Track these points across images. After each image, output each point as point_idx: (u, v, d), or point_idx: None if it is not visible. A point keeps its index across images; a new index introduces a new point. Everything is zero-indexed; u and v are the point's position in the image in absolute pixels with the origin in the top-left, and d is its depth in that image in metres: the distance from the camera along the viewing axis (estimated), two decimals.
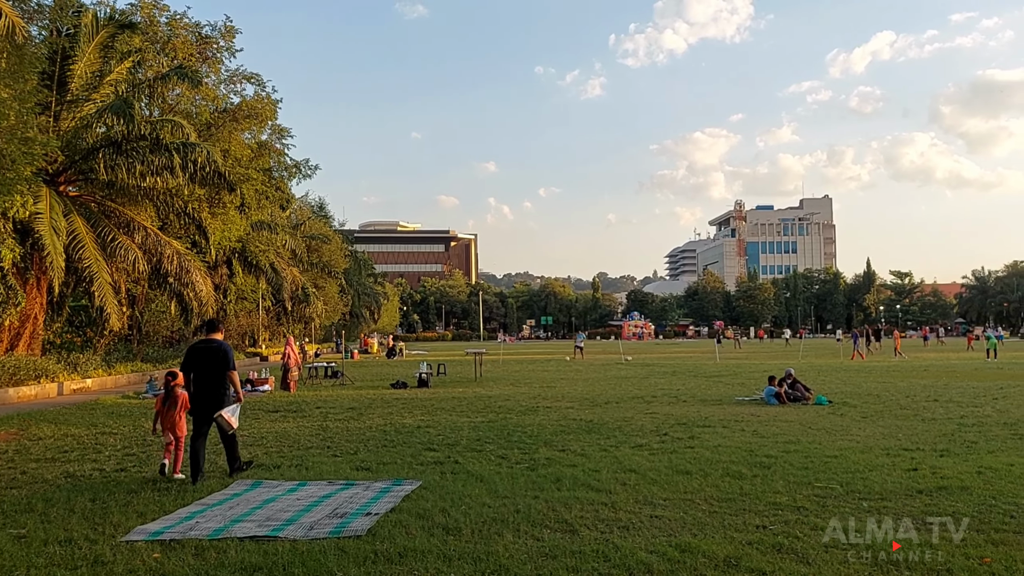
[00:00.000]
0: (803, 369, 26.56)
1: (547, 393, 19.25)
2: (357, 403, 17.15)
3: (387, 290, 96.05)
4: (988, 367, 28.82)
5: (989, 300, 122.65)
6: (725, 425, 12.61)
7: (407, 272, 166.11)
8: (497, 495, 7.54)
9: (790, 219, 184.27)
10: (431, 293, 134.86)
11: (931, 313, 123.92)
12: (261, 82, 33.74)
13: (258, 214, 37.73)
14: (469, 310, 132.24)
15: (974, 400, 16.11)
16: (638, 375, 26.30)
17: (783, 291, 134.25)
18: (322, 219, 63.28)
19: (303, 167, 42.10)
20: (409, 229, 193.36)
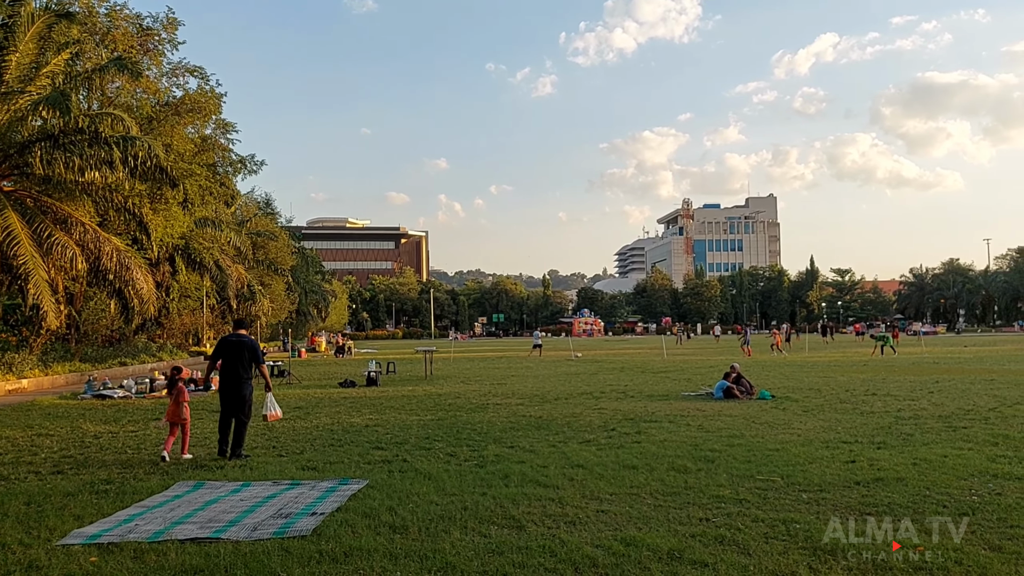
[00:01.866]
0: (747, 365, 27.04)
1: (497, 390, 19.28)
2: (304, 402, 16.96)
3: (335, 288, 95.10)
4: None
5: (927, 297, 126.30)
6: (671, 420, 12.78)
7: (356, 270, 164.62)
8: (445, 492, 7.53)
9: (736, 218, 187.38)
10: (381, 291, 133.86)
11: (871, 310, 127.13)
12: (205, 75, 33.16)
13: (202, 210, 37.05)
14: (420, 308, 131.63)
15: (911, 394, 16.59)
16: (587, 371, 26.49)
17: (729, 288, 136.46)
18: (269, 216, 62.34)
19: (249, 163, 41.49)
20: (358, 226, 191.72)
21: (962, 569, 5.09)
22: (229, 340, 10.27)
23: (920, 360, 30.75)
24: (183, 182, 27.61)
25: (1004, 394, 16.07)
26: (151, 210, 27.89)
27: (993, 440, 10.14)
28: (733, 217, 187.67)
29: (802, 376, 22.60)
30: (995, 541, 5.67)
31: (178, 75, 32.66)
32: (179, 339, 44.31)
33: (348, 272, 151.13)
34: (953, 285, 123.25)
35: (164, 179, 23.99)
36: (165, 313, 39.89)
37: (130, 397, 18.64)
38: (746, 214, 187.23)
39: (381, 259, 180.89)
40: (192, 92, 32.88)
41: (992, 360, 30.08)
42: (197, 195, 32.97)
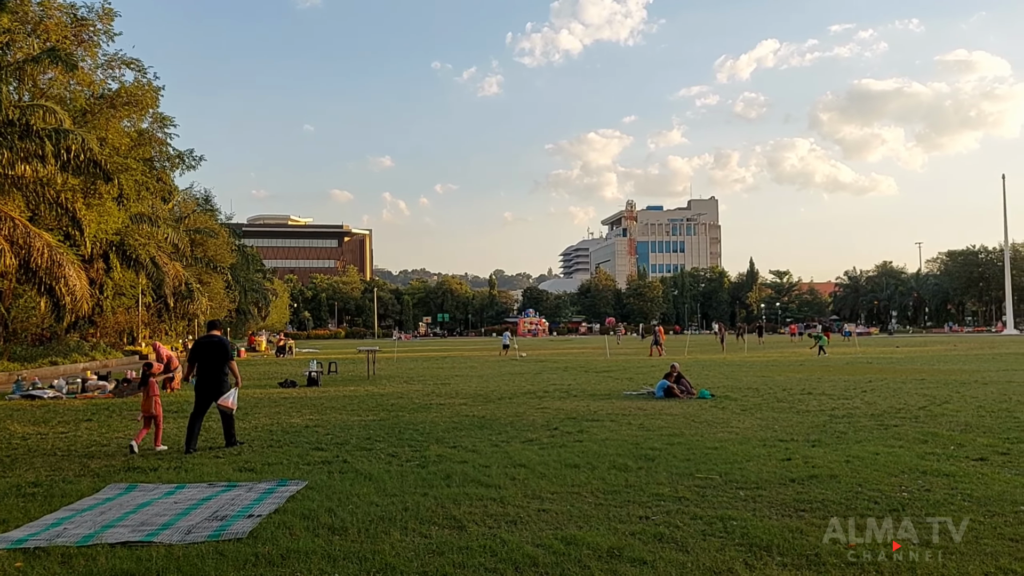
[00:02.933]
0: (687, 365, 27.44)
1: (441, 390, 19.20)
2: (243, 403, 16.61)
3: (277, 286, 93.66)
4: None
5: (861, 298, 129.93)
6: (613, 419, 12.89)
7: (298, 268, 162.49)
8: (386, 493, 7.47)
9: (679, 219, 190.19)
10: (323, 289, 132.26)
11: (808, 311, 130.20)
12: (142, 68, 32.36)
13: (138, 206, 36.13)
14: (363, 307, 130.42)
15: (845, 393, 17.02)
16: (531, 371, 26.57)
17: (671, 289, 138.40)
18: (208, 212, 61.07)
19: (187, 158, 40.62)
20: (301, 224, 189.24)
21: (891, 564, 5.23)
22: (203, 342, 10.83)
23: (854, 360, 31.59)
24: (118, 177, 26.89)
25: (934, 393, 16.59)
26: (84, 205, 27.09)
27: (923, 438, 10.44)
28: (675, 219, 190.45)
29: (741, 375, 23.02)
30: (924, 536, 5.83)
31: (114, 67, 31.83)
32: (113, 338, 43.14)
33: (290, 270, 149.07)
34: (886, 287, 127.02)
35: (98, 173, 23.36)
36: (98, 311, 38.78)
37: (61, 397, 18.07)
38: (688, 216, 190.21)
39: (324, 257, 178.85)
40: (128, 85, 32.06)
41: (922, 360, 31.07)
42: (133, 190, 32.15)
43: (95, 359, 33.52)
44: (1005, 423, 11.80)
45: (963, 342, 56.97)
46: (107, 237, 33.37)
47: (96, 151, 22.60)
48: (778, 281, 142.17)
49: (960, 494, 7.11)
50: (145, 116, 34.87)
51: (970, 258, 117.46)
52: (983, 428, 11.30)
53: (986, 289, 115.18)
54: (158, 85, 32.92)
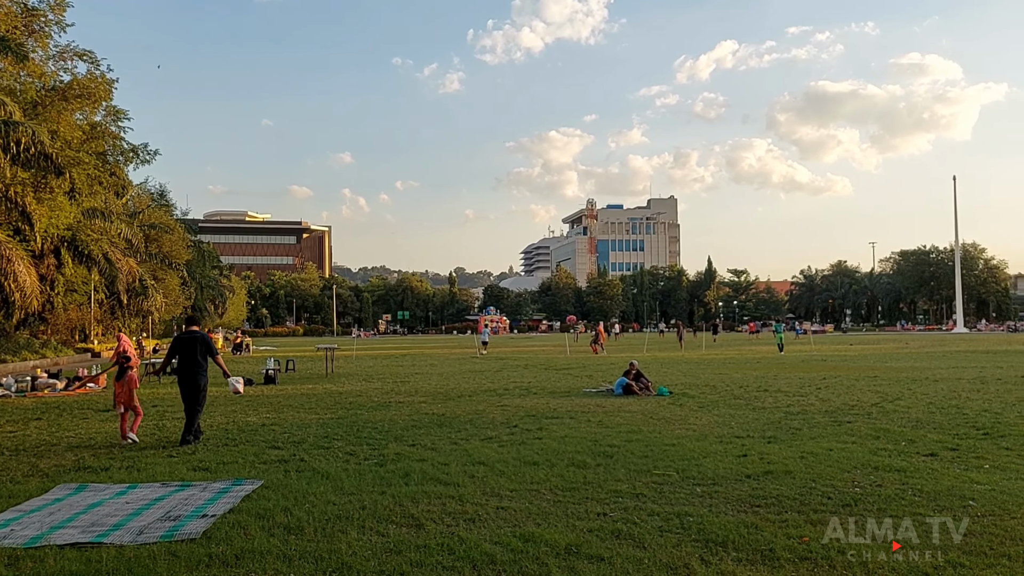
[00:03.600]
0: (646, 362, 27.65)
1: (400, 388, 19.11)
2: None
3: (233, 283, 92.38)
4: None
5: (816, 297, 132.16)
6: (572, 416, 12.94)
7: (256, 265, 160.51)
8: (343, 492, 7.40)
9: (638, 218, 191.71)
10: (281, 286, 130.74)
11: (764, 309, 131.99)
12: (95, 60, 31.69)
13: (90, 200, 35.34)
14: (322, 304, 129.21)
15: (800, 390, 17.28)
16: (492, 369, 26.56)
17: (631, 287, 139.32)
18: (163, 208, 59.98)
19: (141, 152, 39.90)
20: (258, 220, 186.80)
21: (844, 559, 5.31)
22: (182, 338, 11.08)
23: (809, 358, 32.10)
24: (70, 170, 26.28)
25: (886, 390, 16.92)
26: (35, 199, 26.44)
27: (875, 434, 10.65)
28: (635, 218, 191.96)
29: (698, 373, 23.26)
30: (875, 531, 5.94)
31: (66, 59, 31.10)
32: (64, 335, 42.21)
33: (247, 267, 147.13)
34: (841, 286, 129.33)
35: (49, 167, 22.83)
36: (49, 308, 37.90)
37: (10, 396, 17.63)
38: (648, 215, 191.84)
39: (282, 254, 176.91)
40: (81, 77, 31.37)
41: (875, 358, 31.69)
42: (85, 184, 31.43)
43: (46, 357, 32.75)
44: (954, 419, 12.08)
45: (914, 340, 58.24)
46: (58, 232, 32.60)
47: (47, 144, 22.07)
48: (736, 280, 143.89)
49: (911, 489, 7.25)
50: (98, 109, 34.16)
51: (922, 258, 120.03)
52: (933, 424, 11.55)
53: (937, 288, 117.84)
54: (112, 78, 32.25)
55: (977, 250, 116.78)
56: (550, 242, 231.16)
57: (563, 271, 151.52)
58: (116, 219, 39.78)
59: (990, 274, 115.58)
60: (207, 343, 11.05)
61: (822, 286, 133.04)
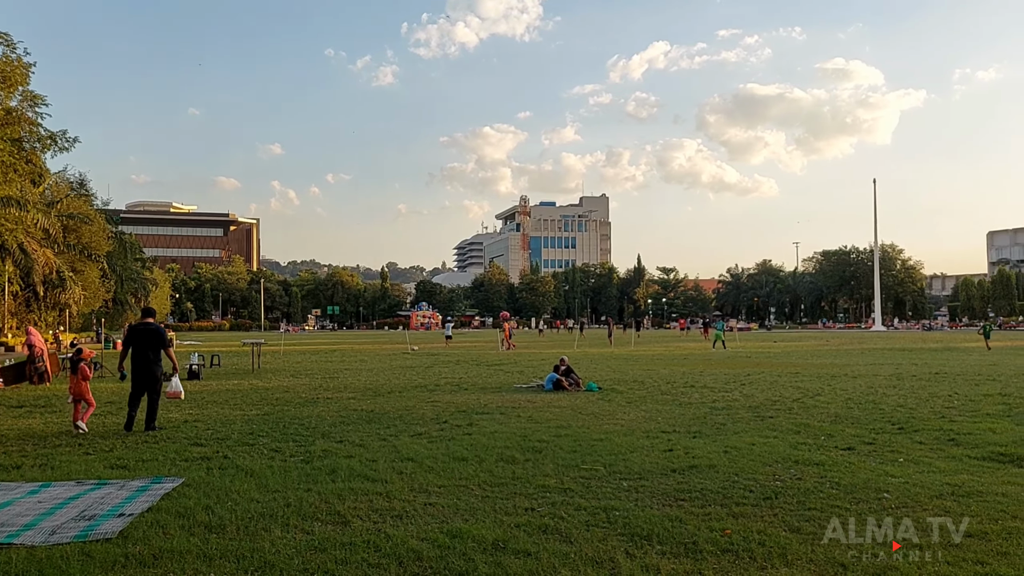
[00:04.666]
0: (576, 358, 27.87)
1: (329, 384, 18.85)
2: (117, 396, 15.85)
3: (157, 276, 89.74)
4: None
5: (742, 295, 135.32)
6: (503, 412, 12.95)
7: (181, 257, 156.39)
8: (267, 489, 7.25)
9: (571, 216, 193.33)
10: (207, 280, 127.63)
11: (692, 306, 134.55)
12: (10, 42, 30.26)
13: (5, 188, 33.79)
14: (249, 299, 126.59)
15: (725, 386, 17.66)
16: (423, 364, 26.42)
17: (562, 284, 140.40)
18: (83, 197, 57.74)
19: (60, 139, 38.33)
20: (184, 211, 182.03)
21: (764, 550, 5.44)
22: (138, 328, 11.42)
23: (734, 354, 32.84)
24: None
25: (807, 386, 17.42)
26: None
27: (796, 429, 10.95)
28: (568, 215, 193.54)
29: (627, 369, 23.57)
30: (794, 523, 6.10)
31: None
32: None
33: (172, 260, 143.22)
34: (766, 285, 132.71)
35: None
36: None
37: None
38: (580, 213, 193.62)
39: (208, 247, 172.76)
40: None
41: (797, 355, 32.61)
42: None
43: None
44: (871, 414, 12.51)
45: (835, 338, 60.17)
46: None
47: None
48: (665, 278, 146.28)
49: (829, 482, 7.47)
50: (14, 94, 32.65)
51: (843, 258, 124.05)
52: (851, 419, 11.93)
53: (857, 287, 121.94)
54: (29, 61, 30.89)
55: (895, 251, 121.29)
56: (483, 238, 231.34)
57: (496, 267, 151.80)
58: (32, 208, 38.12)
59: (907, 274, 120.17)
60: (161, 335, 11.35)
61: (748, 284, 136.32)
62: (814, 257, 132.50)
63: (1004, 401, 14.15)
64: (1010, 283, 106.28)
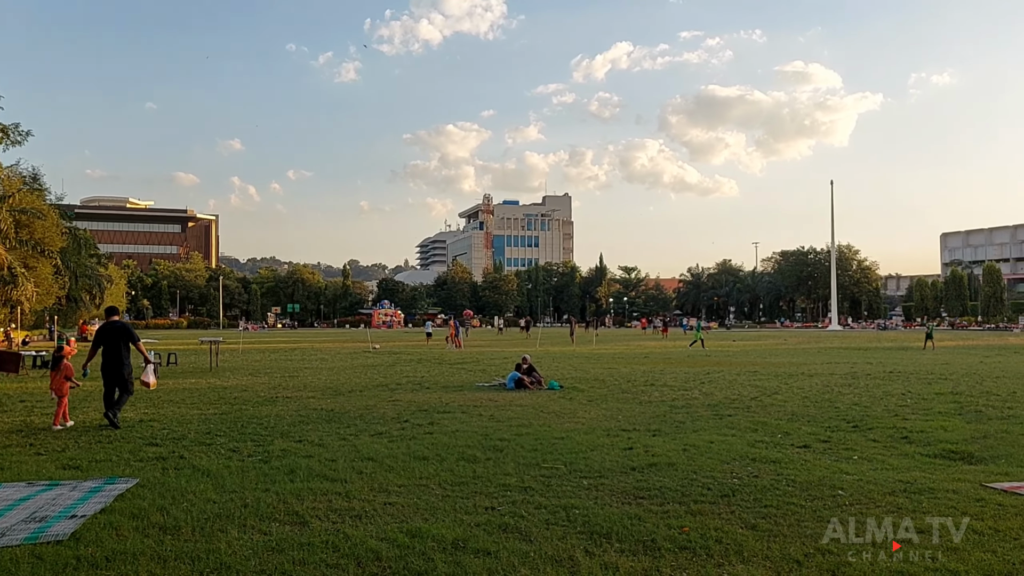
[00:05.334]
0: (538, 356, 27.93)
1: (288, 383, 18.66)
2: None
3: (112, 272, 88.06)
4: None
5: (702, 294, 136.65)
6: (464, 411, 12.94)
7: (138, 254, 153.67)
8: (224, 490, 7.16)
9: (534, 215, 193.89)
10: (165, 277, 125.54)
11: (653, 305, 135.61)
12: None
13: None
14: (208, 296, 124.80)
15: (684, 384, 17.83)
16: (384, 363, 26.28)
17: (525, 283, 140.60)
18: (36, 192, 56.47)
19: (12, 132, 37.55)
20: (141, 207, 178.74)
21: (721, 547, 5.50)
22: (105, 328, 11.79)
23: (694, 353, 33.18)
24: None
25: (765, 384, 17.66)
26: None
27: (753, 427, 11.09)
28: (531, 214, 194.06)
29: (589, 367, 23.69)
30: (751, 520, 6.18)
31: None
32: None
33: (128, 256, 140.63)
34: (725, 284, 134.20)
35: None
36: None
37: None
38: (543, 212, 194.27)
39: (166, 243, 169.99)
40: None
41: (756, 353, 33.04)
42: None
43: None
44: (827, 412, 12.72)
45: (793, 336, 61.09)
46: None
47: None
48: (626, 277, 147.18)
49: (785, 479, 7.58)
50: None
51: (800, 258, 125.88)
52: (807, 417, 12.13)
53: (814, 287, 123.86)
54: None
55: (851, 252, 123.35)
56: (446, 236, 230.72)
57: (459, 265, 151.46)
58: None
59: (863, 274, 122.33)
60: (129, 331, 11.81)
61: (708, 284, 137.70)
62: (773, 257, 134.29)
63: (955, 400, 14.48)
64: (962, 284, 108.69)
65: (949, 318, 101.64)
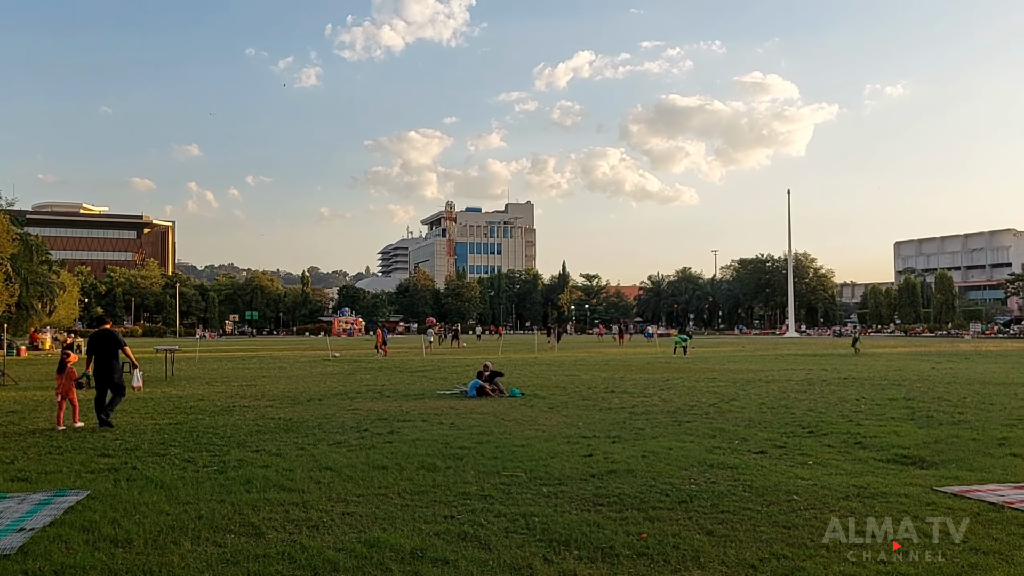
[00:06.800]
0: (500, 363, 27.90)
1: (246, 392, 18.41)
2: (20, 405, 15.22)
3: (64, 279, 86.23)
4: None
5: (662, 301, 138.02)
6: (425, 419, 12.88)
7: (92, 260, 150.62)
8: (178, 501, 7.04)
9: (496, 222, 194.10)
10: (119, 284, 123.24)
11: (615, 312, 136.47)
12: None
13: None
14: (164, 303, 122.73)
15: (644, 391, 17.95)
16: (344, 371, 26.07)
17: (488, 290, 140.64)
18: None
19: None
20: (95, 213, 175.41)
21: (678, 553, 5.54)
22: (96, 336, 12.62)
23: (654, 360, 33.44)
24: None
25: (723, 391, 17.85)
26: None
27: (711, 433, 11.20)
28: (493, 221, 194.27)
29: (550, 375, 23.75)
30: (708, 526, 6.23)
31: None
32: None
33: (81, 262, 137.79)
34: (685, 291, 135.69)
35: None
36: None
37: None
38: (505, 219, 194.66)
39: (121, 249, 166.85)
40: None
41: (715, 360, 33.40)
42: None
43: None
44: (783, 418, 12.90)
45: (751, 343, 61.91)
46: None
47: None
48: (588, 284, 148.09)
49: (742, 485, 7.66)
50: None
51: (759, 266, 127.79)
52: (764, 423, 12.28)
53: (772, 295, 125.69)
54: None
55: (808, 260, 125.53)
56: (408, 243, 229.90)
57: (421, 272, 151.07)
58: None
59: (819, 282, 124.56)
60: (117, 338, 12.59)
61: (668, 291, 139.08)
62: (732, 265, 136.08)
63: (908, 405, 14.78)
64: (915, 291, 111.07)
65: (866, 327, 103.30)
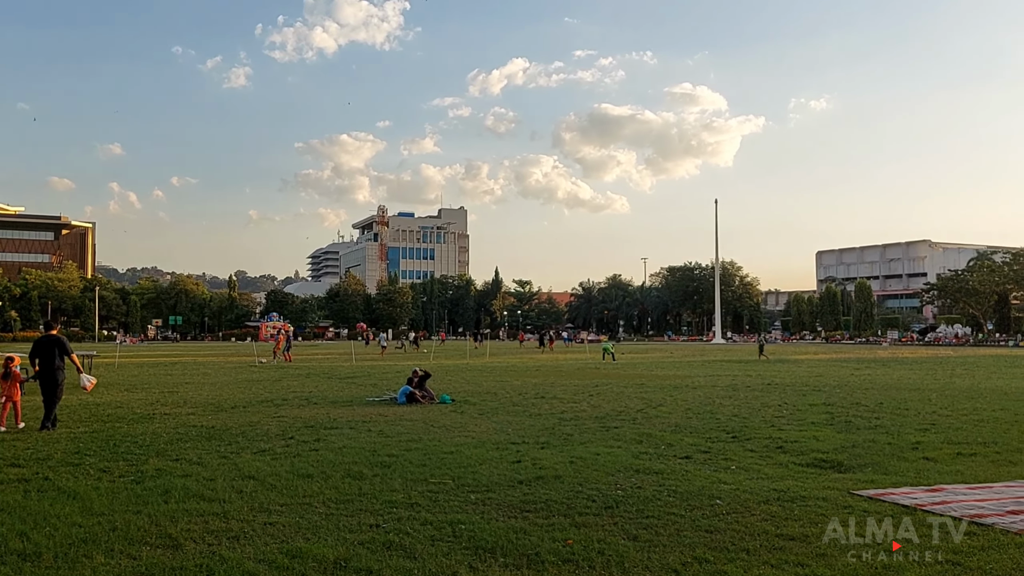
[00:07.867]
0: (432, 369, 27.75)
1: (167, 399, 17.90)
2: None
3: None
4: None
5: (593, 308, 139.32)
6: (352, 426, 12.72)
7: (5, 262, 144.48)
8: (92, 513, 6.79)
9: (429, 227, 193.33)
10: (35, 287, 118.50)
11: (546, 319, 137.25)
12: None
13: None
14: (83, 307, 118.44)
15: (574, 397, 18.08)
16: (271, 378, 25.57)
17: (420, 295, 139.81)
18: None
19: None
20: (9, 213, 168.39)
21: (603, 559, 5.57)
22: (41, 341, 12.82)
23: (584, 366, 33.73)
24: None
25: (651, 397, 18.10)
26: None
27: (639, 439, 11.34)
28: (426, 226, 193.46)
29: (481, 380, 23.72)
30: (633, 531, 6.30)
31: None
32: None
33: None
34: (615, 298, 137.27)
35: None
36: None
37: None
38: (439, 224, 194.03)
39: (37, 251, 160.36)
40: None
41: (643, 366, 33.88)
42: None
43: None
44: (708, 424, 13.14)
45: (679, 350, 62.95)
46: None
47: None
48: (521, 290, 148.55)
49: (667, 490, 7.77)
50: None
51: (687, 273, 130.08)
52: (690, 429, 12.49)
53: (699, 302, 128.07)
54: None
55: (734, 268, 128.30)
56: (340, 247, 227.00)
57: (353, 277, 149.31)
58: None
59: (745, 290, 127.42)
60: (63, 344, 12.75)
61: (599, 298, 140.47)
62: (661, 272, 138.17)
63: (828, 410, 15.22)
64: (836, 299, 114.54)
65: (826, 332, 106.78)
